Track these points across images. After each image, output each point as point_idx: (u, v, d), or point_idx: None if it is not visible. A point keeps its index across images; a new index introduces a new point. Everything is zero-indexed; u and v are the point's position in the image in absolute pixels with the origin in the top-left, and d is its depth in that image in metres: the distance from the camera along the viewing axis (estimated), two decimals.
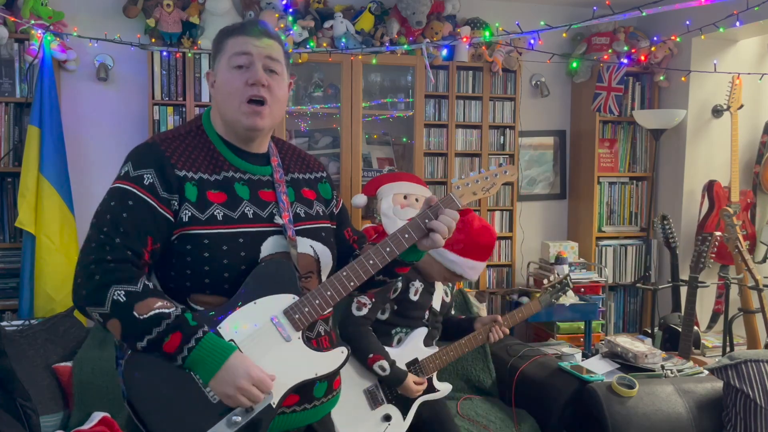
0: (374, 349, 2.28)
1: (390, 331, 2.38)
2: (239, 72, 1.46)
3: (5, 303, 3.48)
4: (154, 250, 1.40)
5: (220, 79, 1.50)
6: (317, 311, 1.47)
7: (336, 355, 1.51)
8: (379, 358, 2.26)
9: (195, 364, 1.34)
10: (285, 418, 1.47)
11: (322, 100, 3.95)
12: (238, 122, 1.48)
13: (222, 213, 1.44)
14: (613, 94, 4.20)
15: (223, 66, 1.49)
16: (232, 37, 1.49)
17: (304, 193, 1.60)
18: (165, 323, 1.33)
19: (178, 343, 1.33)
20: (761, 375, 2.48)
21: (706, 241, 3.30)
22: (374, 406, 2.30)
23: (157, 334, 1.32)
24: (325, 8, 3.92)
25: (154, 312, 1.33)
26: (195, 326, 1.35)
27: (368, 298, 2.35)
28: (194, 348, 1.33)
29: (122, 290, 1.33)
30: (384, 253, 1.52)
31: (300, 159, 1.67)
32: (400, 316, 2.38)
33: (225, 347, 1.36)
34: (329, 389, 1.56)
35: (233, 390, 1.34)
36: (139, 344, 1.33)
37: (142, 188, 1.40)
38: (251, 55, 1.47)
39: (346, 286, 1.50)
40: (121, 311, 1.32)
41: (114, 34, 3.53)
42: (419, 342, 2.37)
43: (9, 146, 3.51)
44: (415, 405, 2.36)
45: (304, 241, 1.54)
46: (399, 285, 2.36)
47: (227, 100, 1.48)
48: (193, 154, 1.47)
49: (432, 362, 2.35)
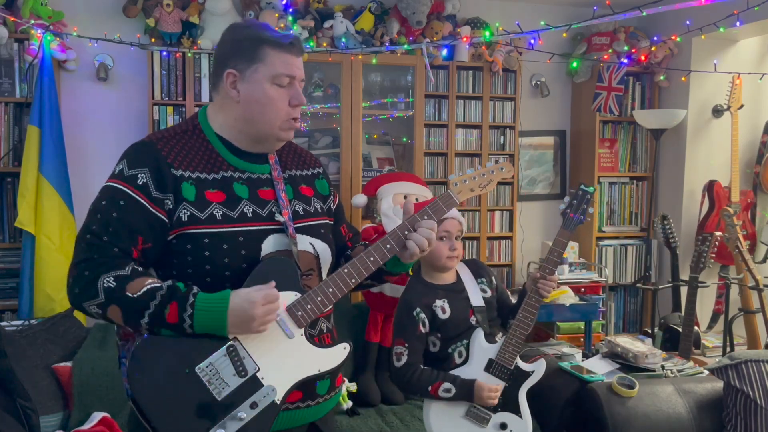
0: (429, 380, 2.18)
1: (446, 353, 2.24)
2: (282, 90, 1.49)
3: (5, 303, 3.48)
4: (145, 249, 1.41)
5: (256, 91, 1.47)
6: (319, 308, 1.47)
7: (338, 351, 1.52)
8: (438, 385, 2.17)
9: (204, 326, 1.36)
10: (288, 415, 1.48)
11: (322, 100, 3.95)
12: (273, 136, 1.51)
13: (221, 212, 1.44)
14: (613, 94, 4.20)
15: (264, 79, 1.47)
16: (275, 50, 1.47)
17: (302, 190, 1.61)
18: (159, 295, 1.34)
19: (177, 312, 1.34)
20: (761, 375, 2.48)
21: (706, 241, 3.29)
22: (483, 424, 2.20)
23: (155, 307, 1.33)
24: (325, 8, 3.92)
25: (146, 287, 1.35)
26: (186, 291, 1.37)
27: (400, 346, 2.23)
28: (193, 313, 1.34)
29: (111, 276, 1.34)
30: (384, 250, 1.54)
31: (297, 155, 1.67)
32: (448, 337, 2.25)
33: (220, 297, 1.37)
34: (332, 387, 1.57)
35: (254, 322, 1.36)
36: (143, 322, 1.34)
37: (135, 188, 1.40)
38: (294, 77, 1.50)
39: (348, 282, 1.50)
40: (114, 295, 1.34)
41: (114, 34, 3.53)
42: (482, 343, 2.22)
43: (9, 146, 3.51)
44: (521, 397, 2.23)
45: (304, 239, 1.54)
46: (423, 317, 2.21)
47: (266, 116, 1.48)
48: (190, 154, 1.47)
49: (506, 352, 2.21)
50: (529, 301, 2.22)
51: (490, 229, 4.28)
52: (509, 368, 2.21)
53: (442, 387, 2.16)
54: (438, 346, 2.26)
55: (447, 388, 2.16)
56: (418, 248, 1.54)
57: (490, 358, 2.21)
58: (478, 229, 4.24)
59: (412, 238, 1.54)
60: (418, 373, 2.19)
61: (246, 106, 1.48)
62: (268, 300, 1.37)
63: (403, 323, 2.23)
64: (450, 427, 2.20)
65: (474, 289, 2.34)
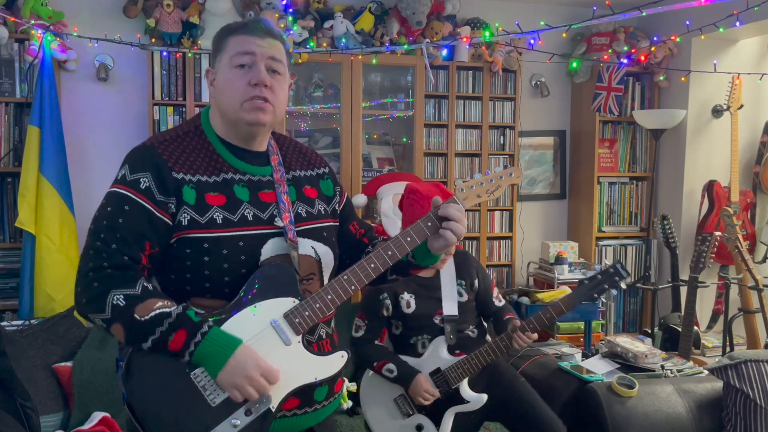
0: (378, 357, 2.26)
1: (408, 341, 2.30)
2: (241, 71, 1.44)
3: (5, 303, 3.48)
4: (152, 255, 1.40)
5: (220, 77, 1.47)
6: (317, 315, 1.45)
7: (336, 360, 1.50)
8: (384, 363, 2.24)
9: (202, 358, 1.34)
10: (285, 422, 1.46)
11: (322, 100, 3.95)
12: (240, 120, 1.46)
13: (221, 216, 1.42)
14: (613, 94, 4.20)
15: (225, 64, 1.46)
16: (234, 36, 1.47)
17: (305, 191, 1.58)
18: (167, 322, 1.32)
19: (183, 340, 1.32)
20: (761, 375, 2.48)
21: (706, 241, 3.29)
22: (405, 416, 2.26)
23: (161, 333, 1.32)
24: (325, 8, 3.92)
25: (155, 312, 1.33)
26: (199, 321, 1.35)
27: (361, 319, 2.33)
28: (201, 342, 1.33)
29: (121, 294, 1.32)
30: (386, 257, 1.50)
31: (302, 155, 1.64)
32: (411, 328, 2.31)
33: (231, 340, 1.36)
34: (330, 393, 1.55)
35: (242, 380, 1.33)
36: (145, 345, 1.33)
37: (139, 192, 1.38)
38: (254, 54, 1.44)
39: (347, 289, 1.48)
40: (121, 315, 1.32)
41: (114, 34, 3.53)
42: (441, 351, 2.26)
43: (9, 146, 3.51)
44: (448, 416, 2.24)
45: (306, 242, 1.52)
46: (388, 302, 2.28)
47: (228, 99, 1.46)
48: (192, 156, 1.46)
49: (456, 371, 2.23)
50: (498, 342, 2.23)
51: (490, 229, 4.28)
52: (450, 386, 2.24)
53: (386, 366, 2.24)
54: (400, 331, 2.32)
55: (390, 369, 2.24)
56: (454, 236, 1.49)
57: (439, 367, 2.24)
58: (478, 229, 4.24)
59: (449, 227, 1.49)
60: (370, 347, 2.30)
61: (217, 97, 1.49)
62: (268, 376, 1.36)
63: (368, 300, 2.32)
64: (377, 401, 2.28)
65: (450, 293, 2.33)
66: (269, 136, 1.58)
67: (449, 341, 2.27)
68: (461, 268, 2.38)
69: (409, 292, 2.30)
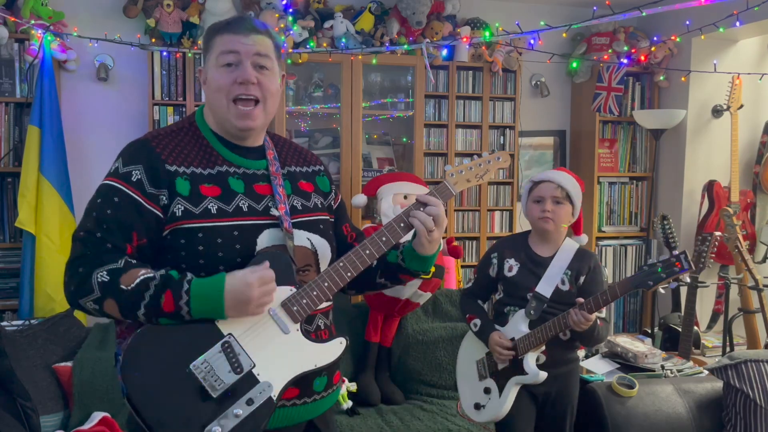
0: (471, 310, 2.40)
1: (503, 309, 2.35)
2: (228, 70, 1.47)
3: (5, 303, 3.48)
4: (140, 245, 1.41)
5: (209, 77, 1.50)
6: (315, 303, 1.47)
7: (335, 346, 1.51)
8: (473, 317, 2.37)
9: (201, 311, 1.35)
10: (285, 412, 1.47)
11: (322, 100, 3.95)
12: (228, 122, 1.49)
13: (216, 206, 1.43)
14: (613, 94, 4.20)
15: (212, 64, 1.49)
16: (219, 35, 1.50)
17: (301, 185, 1.60)
18: (153, 285, 1.34)
19: (173, 300, 1.34)
20: (761, 375, 2.48)
21: (706, 241, 3.29)
22: (480, 378, 2.36)
23: (150, 297, 1.33)
24: (325, 8, 3.92)
25: (140, 278, 1.34)
26: (179, 278, 1.36)
27: (475, 275, 2.50)
28: (189, 299, 1.34)
29: (104, 270, 1.34)
30: (380, 243, 1.52)
31: (297, 153, 1.67)
32: (509, 295, 2.35)
33: (214, 281, 1.37)
34: (329, 384, 1.56)
35: (250, 304, 1.36)
36: (140, 313, 1.34)
37: (129, 185, 1.40)
38: (239, 53, 1.47)
39: (343, 276, 1.49)
40: (109, 288, 1.33)
41: (114, 34, 3.53)
42: (520, 323, 2.26)
43: (9, 146, 3.51)
44: (510, 385, 2.27)
45: (301, 234, 1.53)
46: (495, 261, 2.37)
47: (216, 98, 1.48)
48: (186, 150, 1.48)
49: (524, 342, 2.23)
50: (559, 319, 2.20)
51: (490, 229, 4.28)
52: (517, 356, 2.26)
53: (474, 320, 2.37)
54: (500, 297, 2.40)
55: (476, 323, 2.37)
56: (422, 226, 1.52)
57: (513, 337, 2.27)
58: (478, 229, 4.24)
59: (417, 216, 1.53)
60: (471, 301, 2.45)
61: (207, 97, 1.52)
62: (264, 281, 1.37)
63: (483, 258, 2.46)
64: (464, 360, 2.45)
65: (554, 275, 2.31)
66: (264, 132, 1.60)
67: (529, 316, 2.26)
68: (576, 261, 2.34)
69: (516, 260, 2.35)
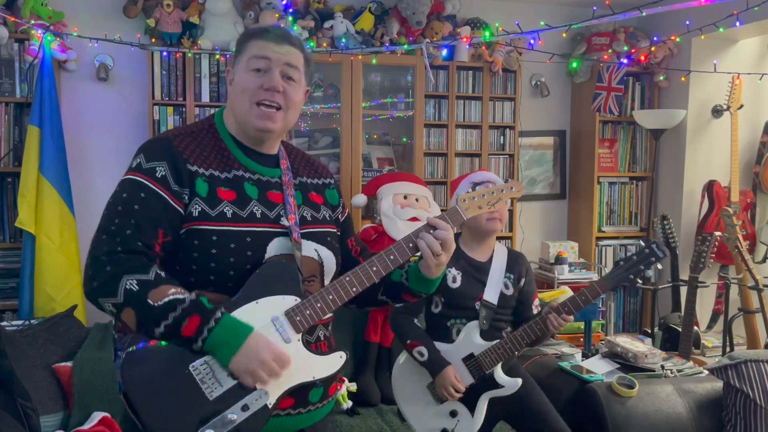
0: (413, 336, 2.26)
1: (446, 323, 2.29)
2: (256, 75, 1.49)
3: (5, 303, 3.48)
4: (165, 243, 1.41)
5: (236, 78, 1.52)
6: (318, 314, 1.46)
7: (334, 360, 1.51)
8: (416, 344, 2.23)
9: (215, 345, 1.35)
10: (278, 421, 1.46)
11: (322, 100, 3.95)
12: (248, 123, 1.50)
13: (231, 211, 1.44)
14: (613, 94, 4.20)
15: (242, 67, 1.51)
16: (254, 40, 1.52)
17: (311, 197, 1.61)
18: (180, 308, 1.33)
19: (197, 326, 1.33)
20: (761, 375, 2.48)
21: (706, 241, 3.29)
22: (438, 402, 2.26)
23: (174, 319, 1.32)
24: (325, 8, 3.92)
25: (169, 298, 1.33)
26: (213, 308, 1.36)
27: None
28: (214, 328, 1.34)
29: (134, 279, 1.33)
30: (387, 261, 1.52)
31: (309, 164, 1.68)
32: (450, 307, 2.29)
33: (244, 327, 1.37)
34: (325, 395, 1.55)
35: (256, 365, 1.35)
36: (157, 330, 1.33)
37: (155, 180, 1.40)
38: (270, 60, 1.49)
39: (349, 291, 1.50)
40: (134, 300, 1.32)
41: (114, 34, 3.53)
42: (474, 336, 2.23)
43: (9, 146, 3.51)
44: (481, 402, 2.23)
45: (309, 245, 1.54)
46: None
47: (240, 99, 1.50)
48: (205, 151, 1.49)
49: (489, 356, 2.21)
50: (533, 326, 2.20)
51: None
52: (484, 371, 2.23)
53: (417, 348, 2.22)
54: (439, 309, 2.30)
55: (421, 352, 2.22)
56: (428, 249, 1.52)
57: (472, 352, 2.23)
58: None
59: (424, 239, 1.52)
60: (408, 321, 2.29)
61: (231, 96, 1.54)
62: (279, 360, 1.37)
63: None
64: (410, 387, 2.27)
65: (496, 281, 2.31)
66: (280, 141, 1.61)
67: (482, 326, 2.25)
68: (513, 263, 2.37)
69: (458, 268, 2.29)
